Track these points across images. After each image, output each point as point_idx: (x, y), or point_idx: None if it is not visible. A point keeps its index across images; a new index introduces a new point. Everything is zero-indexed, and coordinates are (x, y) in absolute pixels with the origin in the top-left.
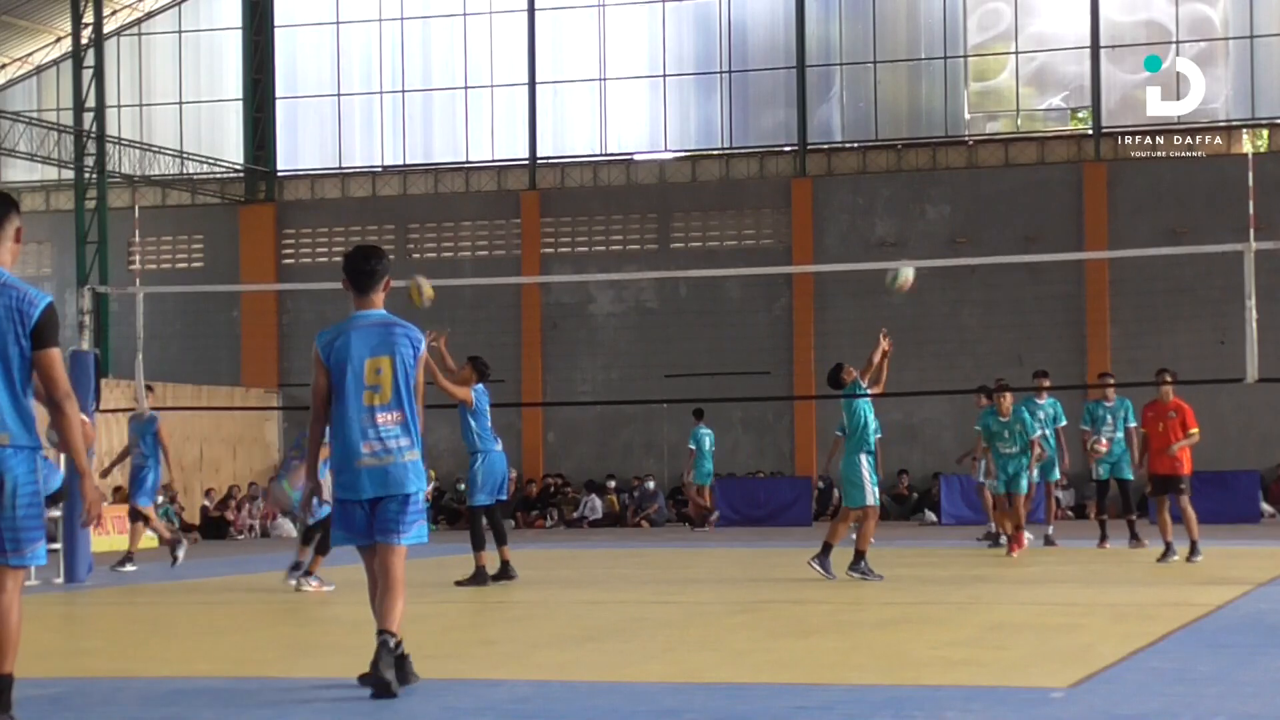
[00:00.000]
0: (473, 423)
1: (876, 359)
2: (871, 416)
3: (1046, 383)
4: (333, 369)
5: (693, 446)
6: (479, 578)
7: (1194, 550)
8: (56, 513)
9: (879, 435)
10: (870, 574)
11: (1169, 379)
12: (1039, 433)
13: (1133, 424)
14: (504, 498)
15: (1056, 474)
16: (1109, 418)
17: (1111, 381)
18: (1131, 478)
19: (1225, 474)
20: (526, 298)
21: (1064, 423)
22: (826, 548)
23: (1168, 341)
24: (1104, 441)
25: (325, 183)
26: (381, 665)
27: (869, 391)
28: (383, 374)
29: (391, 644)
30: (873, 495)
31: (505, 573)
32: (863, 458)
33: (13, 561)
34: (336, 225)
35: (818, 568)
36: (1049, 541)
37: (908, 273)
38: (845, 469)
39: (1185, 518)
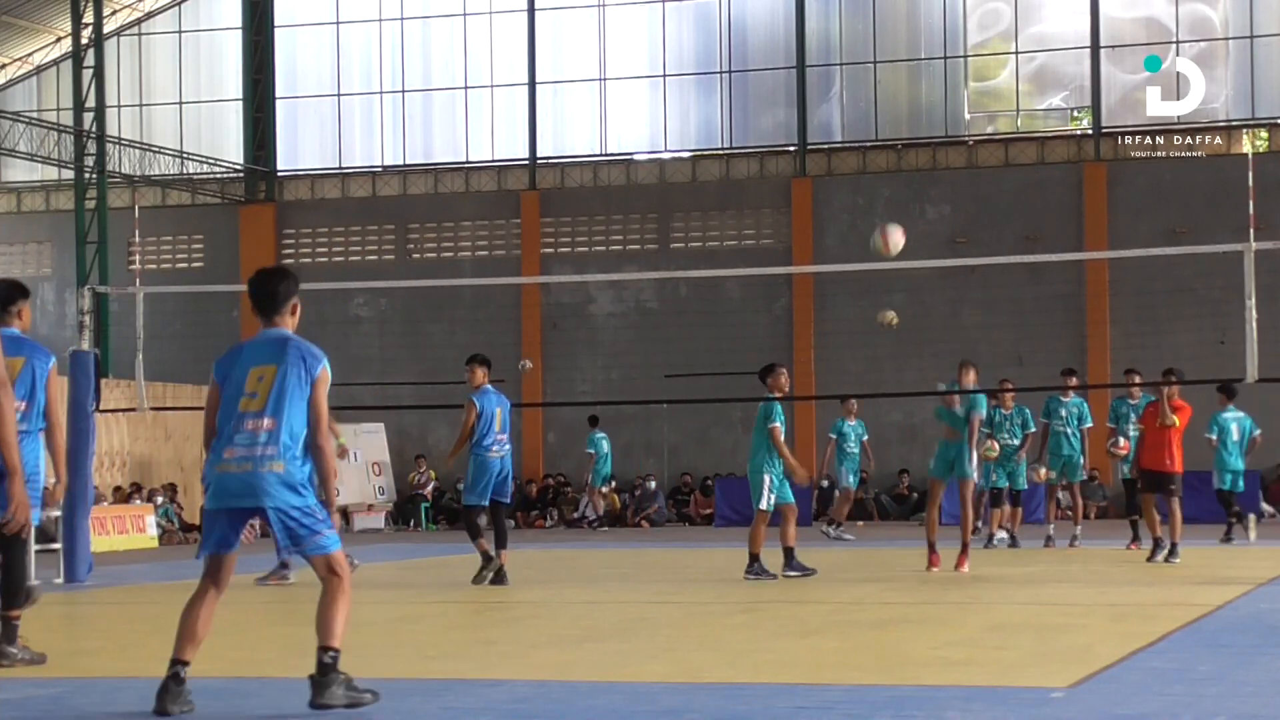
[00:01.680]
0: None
1: (788, 457)
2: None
3: (1074, 381)
4: (223, 384)
5: (591, 451)
6: (486, 561)
7: (1173, 551)
8: (56, 512)
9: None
10: (765, 574)
11: (1174, 379)
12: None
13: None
14: (502, 499)
15: (1081, 475)
16: (1133, 415)
17: (1138, 380)
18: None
19: None
20: (526, 298)
21: (1090, 424)
22: (789, 552)
23: (1168, 341)
24: (1123, 443)
25: (325, 183)
26: (319, 690)
27: (776, 396)
28: (264, 381)
29: (328, 660)
30: (768, 500)
31: (499, 576)
32: (767, 461)
33: None
34: (336, 225)
35: (794, 574)
36: (1049, 541)
37: (883, 241)
38: (752, 471)
39: (1171, 518)
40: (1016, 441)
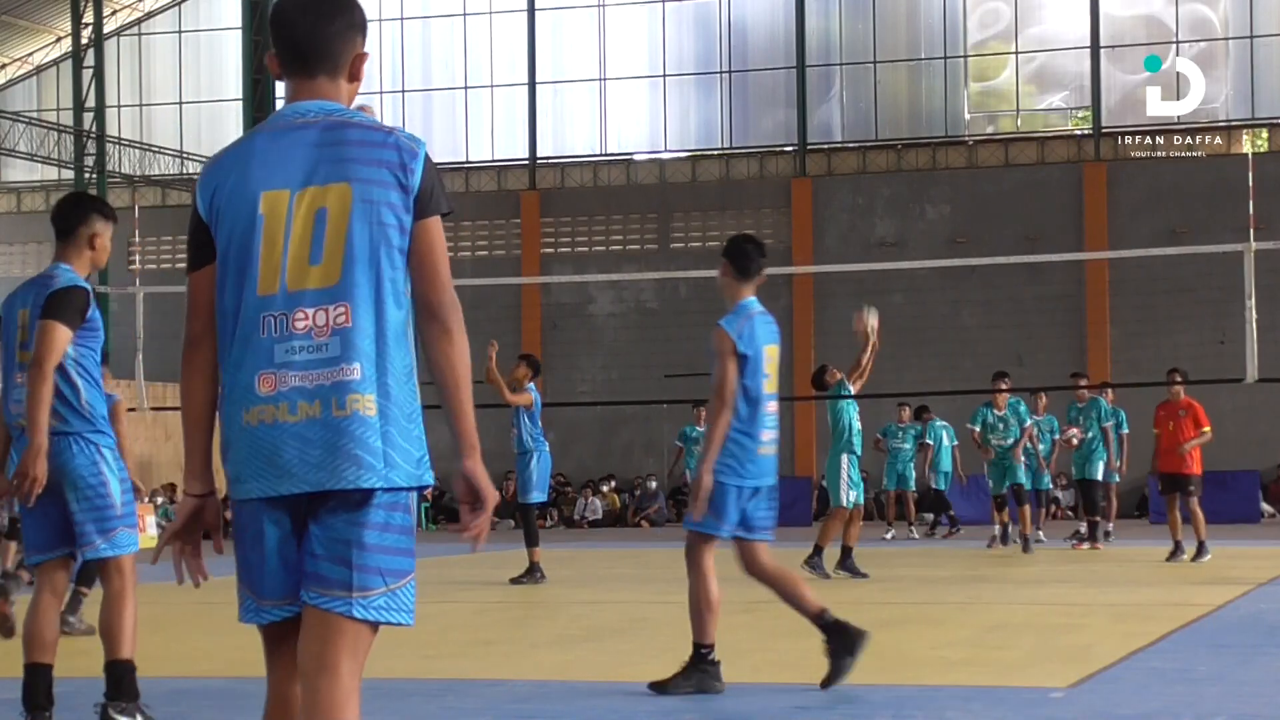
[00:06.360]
0: (528, 423)
1: (866, 359)
2: (855, 418)
3: (1007, 384)
4: None
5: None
6: (533, 572)
7: (1201, 550)
8: None
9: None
10: (857, 573)
11: (1179, 379)
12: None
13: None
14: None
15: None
16: (1080, 419)
17: (1083, 382)
18: (1099, 478)
19: (1225, 474)
20: (526, 298)
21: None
22: (817, 549)
23: (1168, 341)
24: (1075, 431)
25: None
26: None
27: (853, 393)
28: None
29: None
30: (849, 497)
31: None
32: (844, 459)
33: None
34: None
35: (808, 570)
36: (1036, 541)
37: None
38: (828, 470)
39: (1194, 518)
40: (1009, 442)
